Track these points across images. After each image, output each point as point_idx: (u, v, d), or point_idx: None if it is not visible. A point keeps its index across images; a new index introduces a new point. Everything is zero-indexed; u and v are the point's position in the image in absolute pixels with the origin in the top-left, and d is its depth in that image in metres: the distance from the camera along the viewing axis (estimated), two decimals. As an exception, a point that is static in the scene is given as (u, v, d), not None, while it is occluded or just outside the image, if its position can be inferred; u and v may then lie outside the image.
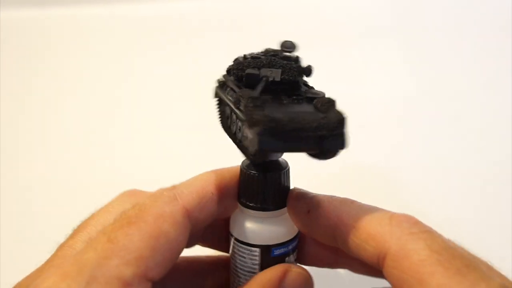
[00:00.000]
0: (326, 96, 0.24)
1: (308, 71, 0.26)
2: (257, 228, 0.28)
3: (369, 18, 0.72)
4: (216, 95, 0.29)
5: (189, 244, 0.31)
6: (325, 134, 0.21)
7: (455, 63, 0.65)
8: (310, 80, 0.27)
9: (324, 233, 0.25)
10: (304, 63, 0.27)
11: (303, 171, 0.33)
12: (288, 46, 0.27)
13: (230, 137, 0.27)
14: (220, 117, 0.29)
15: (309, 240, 0.30)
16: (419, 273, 0.20)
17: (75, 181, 0.53)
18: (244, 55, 0.27)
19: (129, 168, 0.54)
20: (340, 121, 0.21)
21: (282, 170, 0.27)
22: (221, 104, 0.29)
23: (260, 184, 0.27)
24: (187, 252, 0.30)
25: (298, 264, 0.30)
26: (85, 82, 0.68)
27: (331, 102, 0.22)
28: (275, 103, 0.23)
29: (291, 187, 0.29)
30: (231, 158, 0.29)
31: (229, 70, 0.28)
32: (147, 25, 0.74)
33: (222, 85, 0.28)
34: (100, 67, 0.70)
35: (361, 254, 0.23)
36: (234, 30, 0.71)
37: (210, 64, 0.31)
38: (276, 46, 0.29)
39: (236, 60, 0.27)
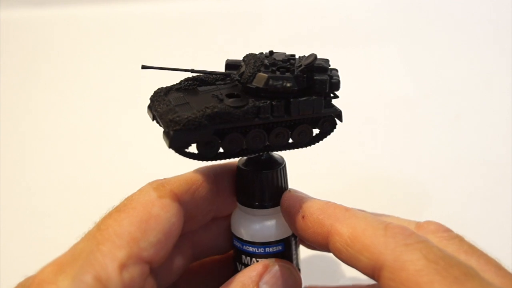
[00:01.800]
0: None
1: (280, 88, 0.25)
2: (234, 213, 0.29)
3: (371, 19, 0.71)
4: None
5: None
6: (164, 128, 0.24)
7: (457, 63, 0.64)
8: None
9: (318, 240, 0.25)
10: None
11: (309, 170, 0.32)
12: (307, 58, 0.27)
13: None
14: None
15: None
16: (417, 284, 0.20)
17: (73, 180, 0.53)
18: (271, 51, 0.27)
19: (129, 167, 0.54)
20: (171, 120, 0.23)
21: (262, 170, 0.28)
22: None
23: (239, 179, 0.28)
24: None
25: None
26: (85, 82, 0.68)
27: (206, 108, 0.24)
28: (201, 91, 0.26)
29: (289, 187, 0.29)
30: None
31: None
32: (147, 25, 0.74)
33: None
34: (100, 67, 0.70)
35: (355, 264, 0.23)
36: (237, 30, 0.71)
37: (211, 64, 0.31)
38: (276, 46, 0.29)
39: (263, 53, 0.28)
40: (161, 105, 0.25)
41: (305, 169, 0.31)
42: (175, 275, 0.29)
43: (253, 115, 0.25)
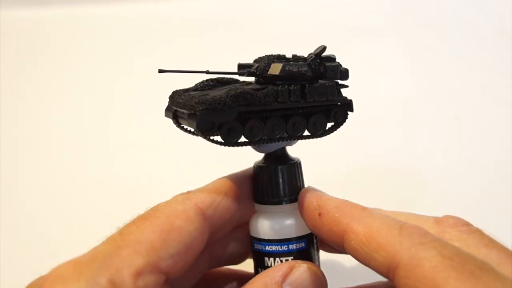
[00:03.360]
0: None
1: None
2: (252, 219, 0.29)
3: (370, 18, 0.72)
4: None
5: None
6: (190, 112, 0.25)
7: (457, 63, 0.65)
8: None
9: (333, 238, 0.25)
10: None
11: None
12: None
13: None
14: None
15: None
16: (433, 280, 0.20)
17: (72, 182, 0.53)
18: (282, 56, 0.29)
19: (130, 171, 0.54)
20: (197, 102, 0.24)
21: (277, 165, 0.28)
22: None
23: (257, 178, 0.29)
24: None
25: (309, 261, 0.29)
26: (85, 82, 0.68)
27: (230, 90, 0.25)
28: (217, 86, 0.28)
29: (305, 185, 0.29)
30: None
31: None
32: (147, 25, 0.74)
33: None
34: (100, 67, 0.70)
35: (370, 263, 0.23)
36: (237, 30, 0.71)
37: (211, 64, 0.31)
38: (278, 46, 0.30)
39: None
40: (182, 97, 0.26)
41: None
42: (189, 285, 0.29)
43: (273, 98, 0.26)
